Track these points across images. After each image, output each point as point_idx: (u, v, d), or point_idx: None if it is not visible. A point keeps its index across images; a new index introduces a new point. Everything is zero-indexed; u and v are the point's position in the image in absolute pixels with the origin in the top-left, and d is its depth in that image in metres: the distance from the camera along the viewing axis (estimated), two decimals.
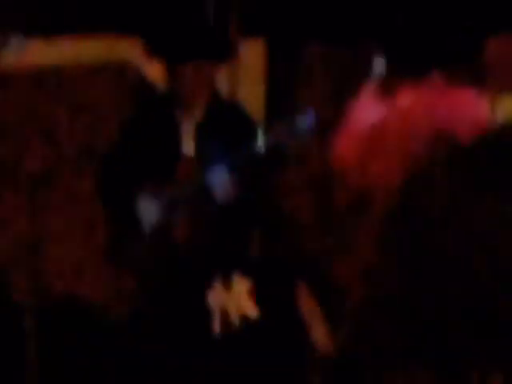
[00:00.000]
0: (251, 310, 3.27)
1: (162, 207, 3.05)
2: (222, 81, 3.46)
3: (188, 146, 3.16)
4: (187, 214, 3.06)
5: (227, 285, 3.30)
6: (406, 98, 2.88)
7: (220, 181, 3.03)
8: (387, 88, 3.03)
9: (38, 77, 3.66)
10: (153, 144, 3.12)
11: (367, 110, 3.11)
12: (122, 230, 3.06)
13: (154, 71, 3.43)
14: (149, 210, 3.04)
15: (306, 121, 3.10)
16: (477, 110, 2.89)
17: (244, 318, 3.28)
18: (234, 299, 3.38)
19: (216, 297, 3.26)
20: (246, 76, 3.85)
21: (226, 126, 3.15)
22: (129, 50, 3.68)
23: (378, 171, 2.90)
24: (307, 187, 3.20)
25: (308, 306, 2.37)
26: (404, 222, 2.29)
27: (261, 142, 3.06)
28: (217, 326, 3.25)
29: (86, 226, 3.80)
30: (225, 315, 3.30)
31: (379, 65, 2.81)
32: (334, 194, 2.82)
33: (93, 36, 3.58)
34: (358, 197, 3.04)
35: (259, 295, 3.30)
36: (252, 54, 3.73)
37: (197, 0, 3.45)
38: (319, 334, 2.60)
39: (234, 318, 3.32)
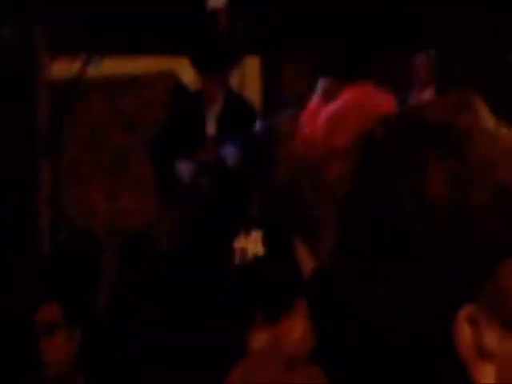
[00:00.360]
0: (261, 251, 4.28)
1: (192, 168, 4.40)
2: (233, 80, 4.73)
3: (211, 129, 4.53)
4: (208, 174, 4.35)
5: (247, 233, 4.42)
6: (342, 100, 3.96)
7: (231, 153, 4.34)
8: (330, 93, 4.20)
9: (116, 85, 5.09)
10: (187, 128, 4.48)
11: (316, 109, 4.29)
12: (166, 182, 4.43)
13: (189, 79, 4.81)
14: (184, 170, 4.39)
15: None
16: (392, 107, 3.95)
17: (256, 256, 4.34)
18: (251, 243, 4.43)
19: (239, 240, 4.35)
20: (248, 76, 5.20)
21: (236, 113, 4.38)
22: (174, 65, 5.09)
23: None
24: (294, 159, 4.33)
25: (300, 249, 2.71)
26: None
27: (259, 125, 4.38)
28: (237, 260, 4.37)
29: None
30: (243, 253, 4.39)
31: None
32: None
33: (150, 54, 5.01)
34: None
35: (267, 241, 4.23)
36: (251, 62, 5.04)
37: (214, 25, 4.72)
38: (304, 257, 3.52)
39: (250, 256, 4.35)
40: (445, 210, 0.70)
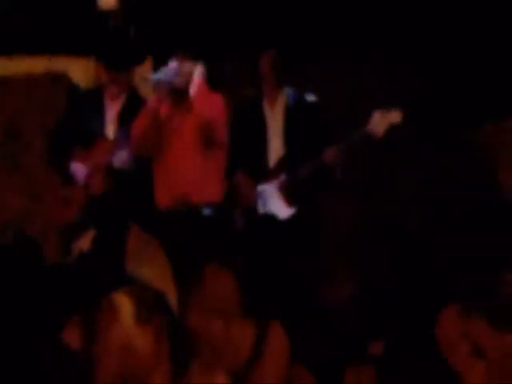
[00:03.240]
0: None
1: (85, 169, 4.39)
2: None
3: (110, 128, 4.46)
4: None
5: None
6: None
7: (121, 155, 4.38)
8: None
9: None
10: (82, 127, 4.44)
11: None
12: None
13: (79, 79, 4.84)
14: (77, 170, 4.41)
15: None
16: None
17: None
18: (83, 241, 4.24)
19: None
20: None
21: (137, 112, 4.32)
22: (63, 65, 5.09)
23: None
24: None
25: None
26: None
27: None
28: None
29: None
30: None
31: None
32: None
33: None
34: None
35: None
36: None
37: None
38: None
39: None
40: None
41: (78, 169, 4.40)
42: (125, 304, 2.20)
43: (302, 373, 2.59)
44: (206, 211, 4.26)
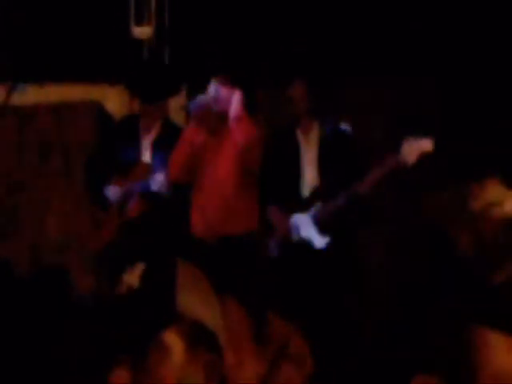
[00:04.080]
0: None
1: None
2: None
3: (146, 155, 4.56)
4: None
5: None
6: None
7: (158, 179, 4.44)
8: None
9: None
10: (117, 154, 4.54)
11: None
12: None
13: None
14: (112, 194, 4.48)
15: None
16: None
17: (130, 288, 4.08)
18: (132, 275, 4.09)
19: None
20: None
21: (172, 140, 4.43)
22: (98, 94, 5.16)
23: None
24: None
25: None
26: None
27: None
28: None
29: None
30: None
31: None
32: None
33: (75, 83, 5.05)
34: None
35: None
36: None
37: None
38: None
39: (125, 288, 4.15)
40: None
41: (114, 192, 4.45)
42: (176, 342, 2.15)
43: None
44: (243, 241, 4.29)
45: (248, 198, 4.37)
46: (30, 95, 4.89)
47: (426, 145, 4.19)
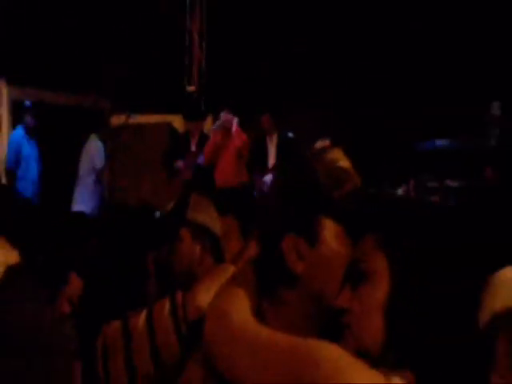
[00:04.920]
0: None
1: None
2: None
3: (193, 149, 9.48)
4: None
5: None
6: None
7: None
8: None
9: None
10: (181, 148, 9.48)
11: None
12: None
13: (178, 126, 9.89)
14: None
15: None
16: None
17: None
18: None
19: None
20: None
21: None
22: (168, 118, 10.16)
23: None
24: None
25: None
26: None
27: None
28: None
29: None
30: None
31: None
32: None
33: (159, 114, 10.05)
34: None
35: None
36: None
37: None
38: None
39: None
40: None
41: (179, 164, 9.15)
42: (186, 235, 2.48)
43: None
44: None
45: (241, 170, 9.13)
46: (137, 119, 9.74)
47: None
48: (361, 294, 1.50)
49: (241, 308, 1.60)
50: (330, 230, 1.58)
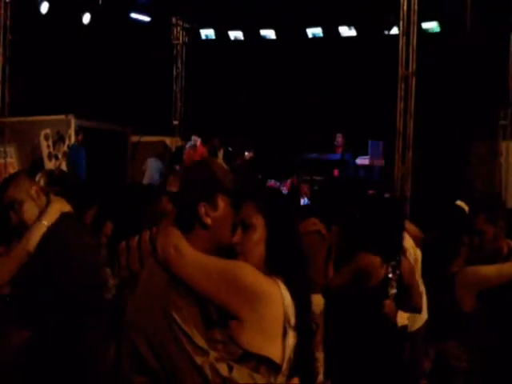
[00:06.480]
0: None
1: None
2: None
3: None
4: None
5: None
6: None
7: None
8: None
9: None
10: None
11: None
12: None
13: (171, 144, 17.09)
14: None
15: None
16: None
17: None
18: None
19: None
20: None
21: None
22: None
23: None
24: None
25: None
26: None
27: None
28: None
29: None
30: None
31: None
32: None
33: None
34: None
35: None
36: None
37: None
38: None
39: None
40: None
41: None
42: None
43: None
44: None
45: None
46: (144, 138, 16.78)
47: None
48: (247, 236, 2.62)
49: (180, 238, 2.62)
50: (223, 200, 2.63)
